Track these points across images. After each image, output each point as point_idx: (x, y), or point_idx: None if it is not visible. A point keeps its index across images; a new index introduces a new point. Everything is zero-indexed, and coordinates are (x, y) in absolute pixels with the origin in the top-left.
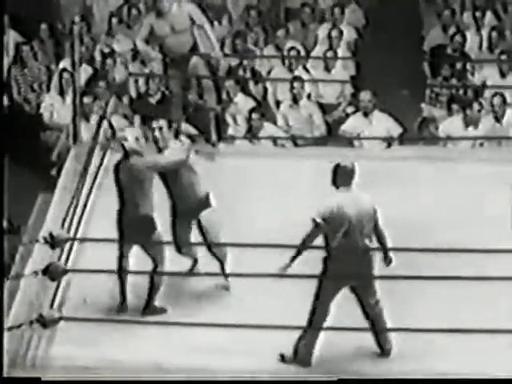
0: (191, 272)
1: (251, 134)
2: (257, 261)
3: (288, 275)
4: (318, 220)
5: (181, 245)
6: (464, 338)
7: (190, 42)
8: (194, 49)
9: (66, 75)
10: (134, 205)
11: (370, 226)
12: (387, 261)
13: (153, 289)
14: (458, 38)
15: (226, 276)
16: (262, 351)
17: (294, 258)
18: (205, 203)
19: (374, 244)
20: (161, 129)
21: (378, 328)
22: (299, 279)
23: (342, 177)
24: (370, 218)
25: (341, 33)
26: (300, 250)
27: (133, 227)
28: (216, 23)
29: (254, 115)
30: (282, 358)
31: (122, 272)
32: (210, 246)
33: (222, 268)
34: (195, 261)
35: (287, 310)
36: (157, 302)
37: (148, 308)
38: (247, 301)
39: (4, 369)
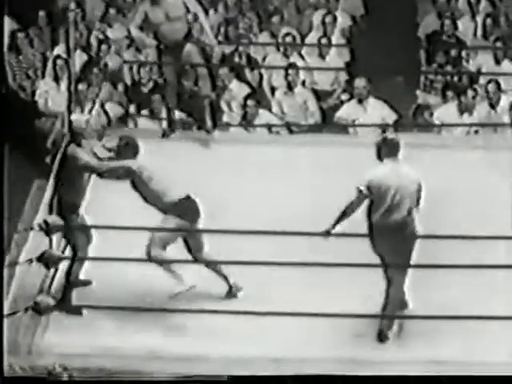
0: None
1: (246, 121)
2: (252, 247)
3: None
4: (362, 188)
5: None
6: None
7: (184, 30)
8: (189, 36)
9: (60, 62)
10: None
11: (412, 200)
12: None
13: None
14: (450, 24)
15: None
16: (268, 338)
17: (335, 224)
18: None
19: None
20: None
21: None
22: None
23: (387, 149)
24: (414, 192)
25: (335, 19)
26: (342, 216)
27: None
28: (212, 11)
29: (249, 102)
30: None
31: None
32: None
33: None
34: None
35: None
36: None
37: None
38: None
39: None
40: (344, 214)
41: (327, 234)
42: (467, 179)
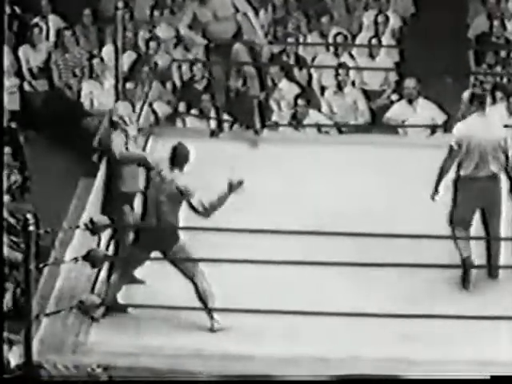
0: None
1: (296, 120)
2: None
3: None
4: (452, 144)
5: None
6: None
7: (233, 29)
8: (237, 36)
9: (97, 61)
10: None
11: (500, 152)
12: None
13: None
14: (499, 25)
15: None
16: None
17: (437, 186)
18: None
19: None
20: None
21: (492, 251)
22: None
23: (475, 102)
24: (501, 144)
25: (387, 19)
26: (440, 175)
27: None
28: (262, 10)
29: (299, 101)
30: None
31: None
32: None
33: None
34: None
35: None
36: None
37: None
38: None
39: (45, 355)
40: (442, 173)
41: (432, 198)
42: None
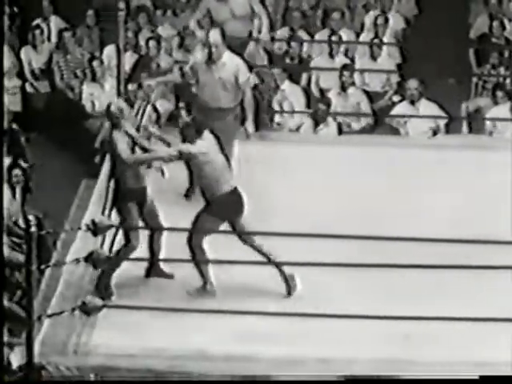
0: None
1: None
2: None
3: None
4: None
5: None
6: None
7: (248, 29)
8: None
9: (97, 62)
10: None
11: None
12: None
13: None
14: (498, 25)
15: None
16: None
17: None
18: None
19: None
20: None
21: None
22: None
23: None
24: None
25: (386, 20)
26: None
27: None
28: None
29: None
30: None
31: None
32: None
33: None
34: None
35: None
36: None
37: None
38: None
39: (48, 356)
40: None
41: None
42: None
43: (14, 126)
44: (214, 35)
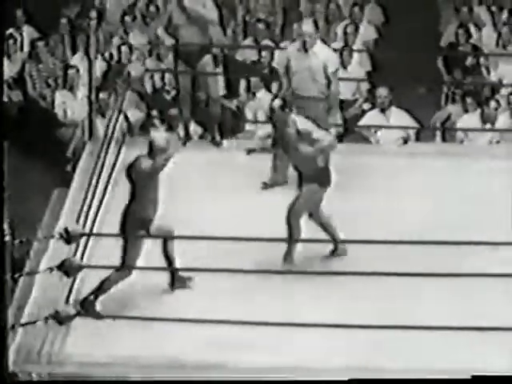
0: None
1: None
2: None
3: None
4: None
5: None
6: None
7: (202, 35)
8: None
9: (72, 71)
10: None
11: None
12: None
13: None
14: (463, 33)
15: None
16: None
17: None
18: None
19: None
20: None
21: None
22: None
23: None
24: None
25: (356, 29)
26: None
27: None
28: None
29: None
30: None
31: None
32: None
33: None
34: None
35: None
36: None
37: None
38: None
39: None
40: None
41: None
42: (488, 187)
43: None
44: (307, 25)
